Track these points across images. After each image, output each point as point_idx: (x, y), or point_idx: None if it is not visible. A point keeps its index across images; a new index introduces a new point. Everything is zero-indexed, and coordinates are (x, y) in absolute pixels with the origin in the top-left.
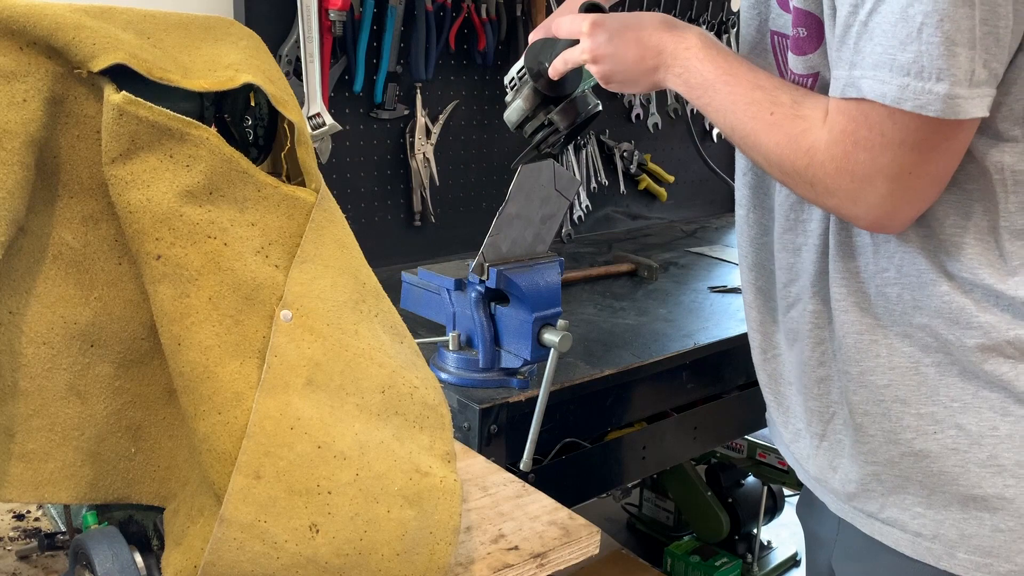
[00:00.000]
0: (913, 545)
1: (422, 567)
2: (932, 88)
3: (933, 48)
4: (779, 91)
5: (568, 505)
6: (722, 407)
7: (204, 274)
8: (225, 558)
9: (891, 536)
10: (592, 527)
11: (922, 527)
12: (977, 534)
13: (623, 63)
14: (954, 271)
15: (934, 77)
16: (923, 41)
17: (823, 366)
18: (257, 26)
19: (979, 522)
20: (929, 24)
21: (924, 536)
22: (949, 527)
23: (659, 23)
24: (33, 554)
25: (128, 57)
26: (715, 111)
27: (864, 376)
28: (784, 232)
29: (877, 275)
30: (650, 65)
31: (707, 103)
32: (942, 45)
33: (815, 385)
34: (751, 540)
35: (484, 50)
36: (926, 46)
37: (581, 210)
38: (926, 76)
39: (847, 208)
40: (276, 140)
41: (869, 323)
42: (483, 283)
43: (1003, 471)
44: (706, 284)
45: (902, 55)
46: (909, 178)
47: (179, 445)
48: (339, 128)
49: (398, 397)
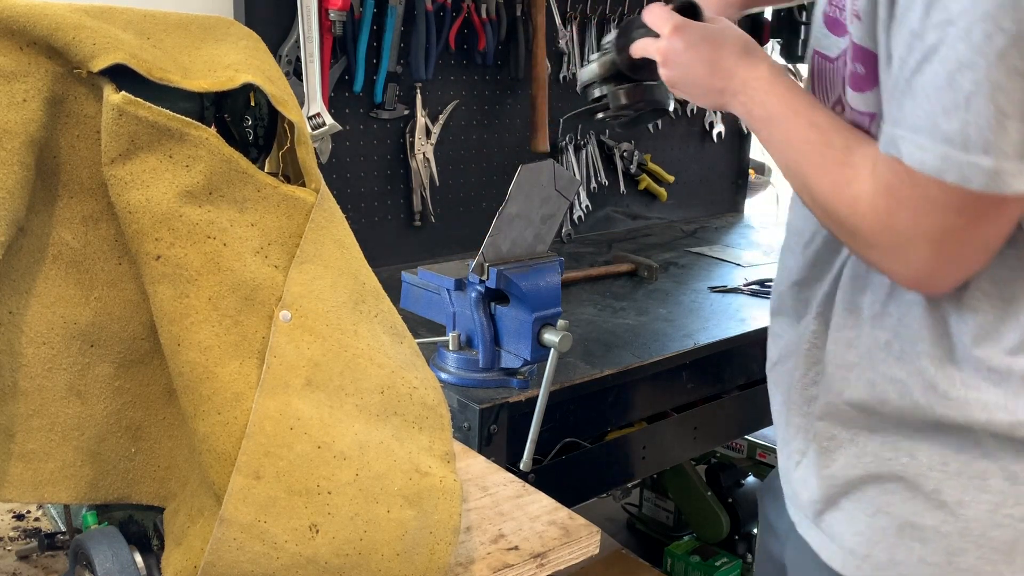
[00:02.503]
0: (843, 561)
1: (422, 567)
2: (978, 161)
3: (982, 120)
4: (834, 133)
5: (568, 505)
6: (722, 407)
7: (204, 274)
8: (225, 558)
9: (826, 550)
10: (592, 527)
11: (857, 545)
12: (905, 562)
13: (692, 75)
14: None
15: (980, 150)
16: (971, 111)
17: (815, 385)
18: (257, 26)
19: (909, 551)
20: (979, 94)
21: (856, 554)
22: (881, 550)
23: (738, 46)
24: (33, 554)
25: (128, 57)
26: (773, 146)
27: (839, 402)
28: (821, 246)
29: (876, 316)
30: (718, 87)
31: (767, 137)
32: (993, 117)
33: (804, 403)
34: (751, 540)
35: (484, 50)
36: (974, 117)
37: (581, 210)
38: (972, 148)
39: (887, 264)
40: (276, 140)
41: (852, 360)
42: (483, 283)
43: (943, 507)
44: (706, 284)
45: (946, 123)
46: (954, 243)
47: (179, 445)
48: (339, 128)
49: (397, 397)
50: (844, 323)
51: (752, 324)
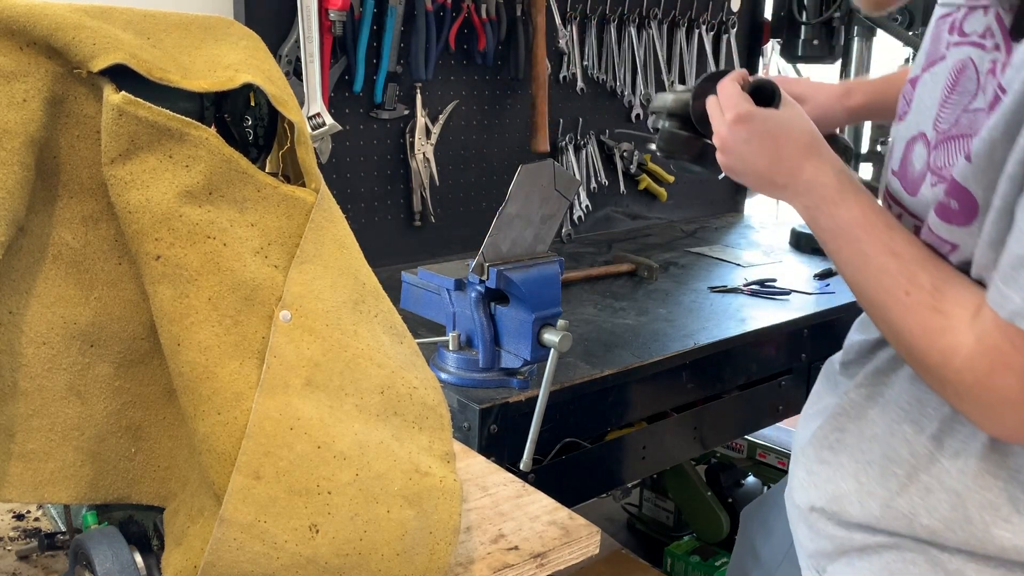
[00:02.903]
0: None
1: (422, 567)
2: None
3: None
4: (917, 267)
5: (568, 505)
6: (722, 407)
7: (203, 274)
8: (225, 558)
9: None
10: (592, 527)
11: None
12: None
13: (751, 167)
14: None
15: None
16: None
17: (840, 431)
18: (257, 26)
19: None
20: None
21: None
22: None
23: (804, 144)
24: (33, 554)
25: (128, 57)
26: (842, 262)
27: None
28: None
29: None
30: (779, 183)
31: (834, 250)
32: None
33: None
34: None
35: (484, 50)
36: None
37: (581, 210)
38: None
39: (975, 417)
40: (276, 140)
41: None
42: (483, 283)
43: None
44: (706, 284)
45: None
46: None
47: (179, 445)
48: (339, 128)
49: (397, 397)
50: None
51: (752, 324)
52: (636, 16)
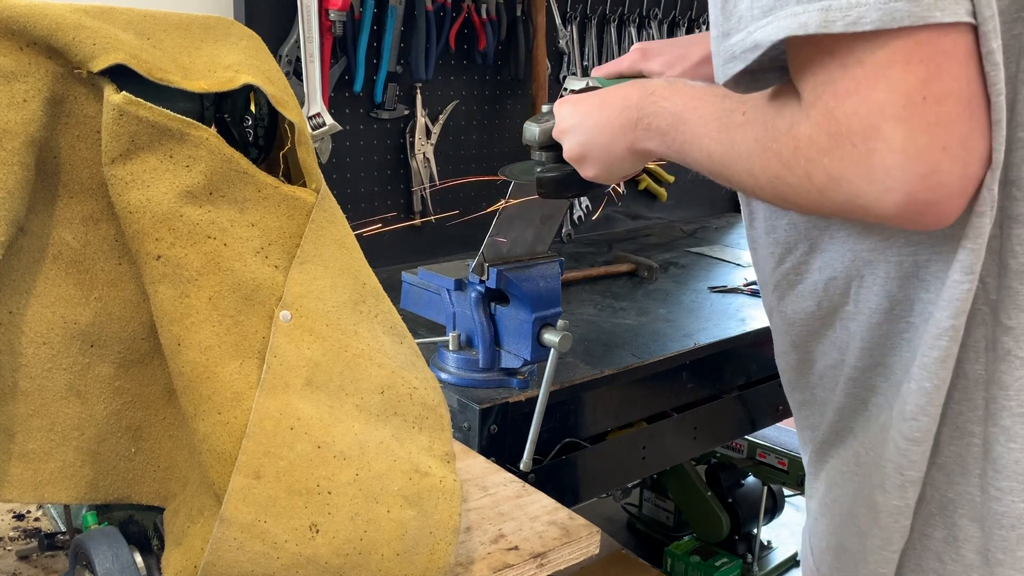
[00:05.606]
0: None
1: (422, 567)
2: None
3: None
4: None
5: (568, 505)
6: (722, 407)
7: (204, 274)
8: (225, 558)
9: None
10: (592, 527)
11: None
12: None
13: (589, 130)
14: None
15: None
16: None
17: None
18: (257, 26)
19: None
20: None
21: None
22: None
23: (624, 84)
24: (33, 554)
25: (128, 57)
26: (691, 146)
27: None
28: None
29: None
30: (617, 124)
31: (682, 143)
32: None
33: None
34: (751, 540)
35: (484, 50)
36: None
37: (581, 210)
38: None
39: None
40: (276, 140)
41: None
42: (483, 283)
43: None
44: (706, 284)
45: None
46: (925, 106)
47: (179, 445)
48: (339, 128)
49: (397, 398)
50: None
51: (752, 324)
52: (636, 16)
